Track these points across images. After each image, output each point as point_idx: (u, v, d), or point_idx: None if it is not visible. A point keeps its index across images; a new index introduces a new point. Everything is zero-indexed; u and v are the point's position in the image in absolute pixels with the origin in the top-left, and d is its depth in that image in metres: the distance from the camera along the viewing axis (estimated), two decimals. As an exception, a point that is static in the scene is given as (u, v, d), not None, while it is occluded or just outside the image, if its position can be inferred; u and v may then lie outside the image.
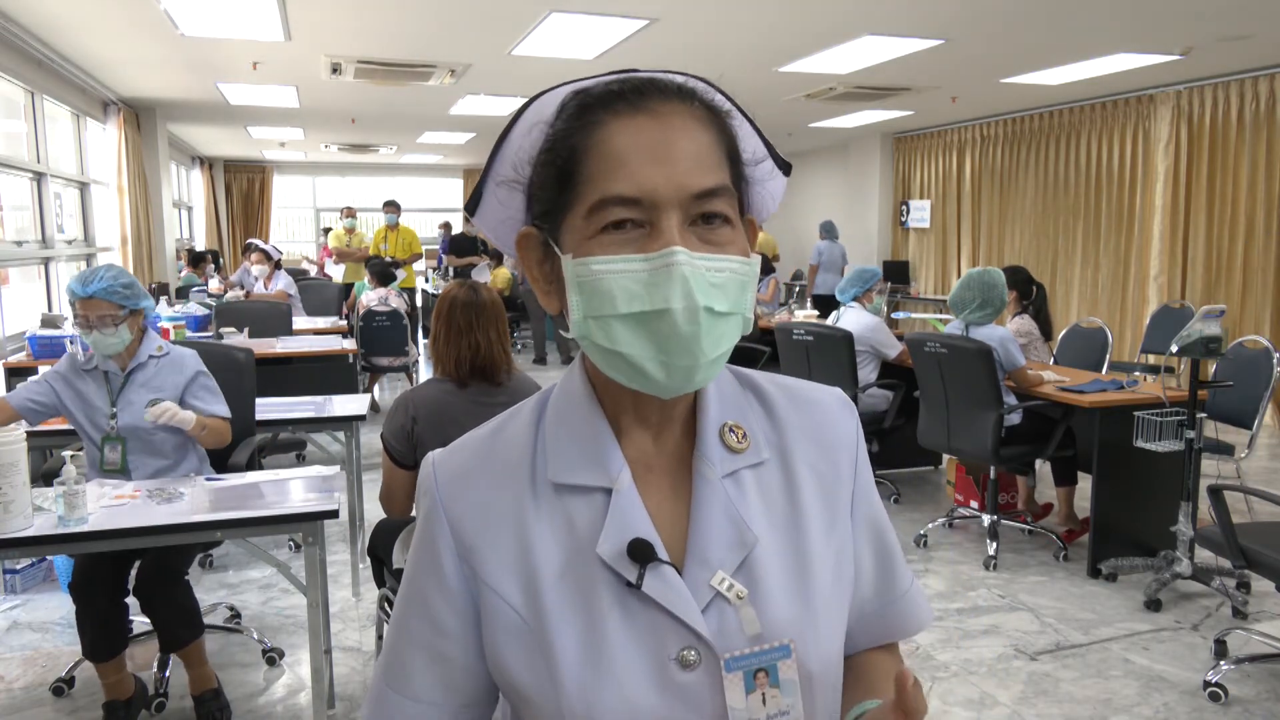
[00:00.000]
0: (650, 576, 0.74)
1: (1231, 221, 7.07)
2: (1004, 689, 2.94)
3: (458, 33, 5.68)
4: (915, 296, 10.57)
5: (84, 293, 2.66)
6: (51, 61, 6.21)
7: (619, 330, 0.71)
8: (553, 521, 0.78)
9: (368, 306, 6.84)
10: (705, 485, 0.78)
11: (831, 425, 0.86)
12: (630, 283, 0.70)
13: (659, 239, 0.70)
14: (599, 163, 0.72)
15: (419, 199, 15.28)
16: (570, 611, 0.75)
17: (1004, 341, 3.98)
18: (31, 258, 5.97)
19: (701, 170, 0.72)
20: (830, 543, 0.82)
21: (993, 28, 5.55)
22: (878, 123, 9.91)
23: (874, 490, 0.90)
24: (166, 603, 2.68)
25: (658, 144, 0.71)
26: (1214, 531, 2.94)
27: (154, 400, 2.73)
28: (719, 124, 0.76)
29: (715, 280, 0.71)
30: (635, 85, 0.74)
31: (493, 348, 2.48)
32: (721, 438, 0.80)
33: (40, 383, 2.82)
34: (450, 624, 0.80)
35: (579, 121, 0.74)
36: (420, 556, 0.82)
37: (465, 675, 0.81)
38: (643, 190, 0.70)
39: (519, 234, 0.80)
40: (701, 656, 0.74)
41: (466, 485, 0.81)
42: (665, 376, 0.72)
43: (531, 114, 0.78)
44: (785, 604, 0.77)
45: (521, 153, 0.78)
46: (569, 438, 0.80)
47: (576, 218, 0.73)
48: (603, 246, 0.71)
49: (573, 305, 0.73)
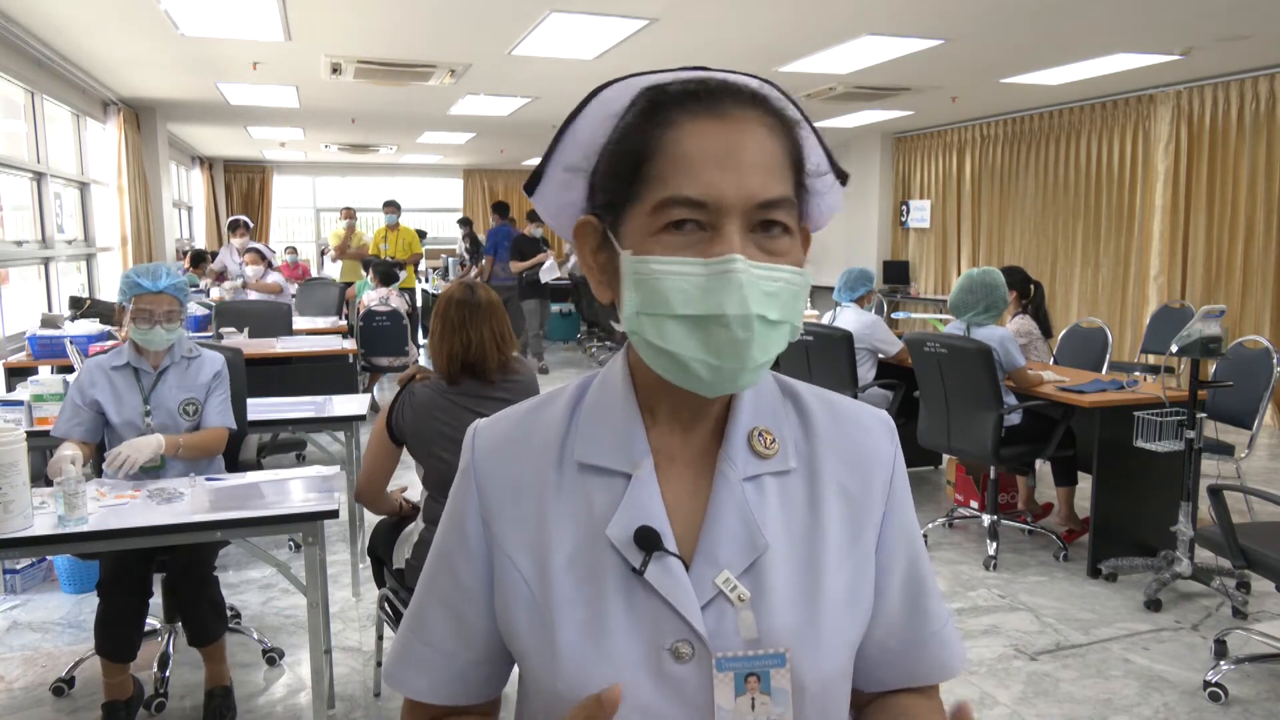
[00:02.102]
0: (655, 565, 0.76)
1: (1231, 221, 7.06)
2: (1004, 689, 2.94)
3: (458, 33, 5.68)
4: (915, 296, 10.57)
5: (155, 288, 2.72)
6: (51, 61, 6.21)
7: (671, 329, 0.72)
8: (573, 500, 0.80)
9: (368, 306, 6.84)
10: (725, 485, 0.79)
11: (867, 445, 0.85)
12: (687, 285, 0.71)
13: (720, 244, 0.71)
14: (668, 162, 0.72)
15: (419, 199, 15.28)
16: (576, 589, 0.77)
17: (1004, 341, 3.98)
18: (31, 258, 5.97)
19: (768, 179, 0.72)
20: (847, 562, 0.81)
21: (993, 28, 5.55)
22: (878, 123, 9.91)
23: (913, 521, 0.87)
24: (200, 598, 2.72)
25: (727, 149, 0.72)
26: (1214, 531, 2.94)
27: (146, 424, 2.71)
28: (787, 133, 0.76)
29: (770, 289, 0.72)
30: (711, 88, 0.74)
31: (485, 345, 2.49)
32: (749, 441, 0.81)
33: (67, 407, 2.80)
34: (469, 583, 0.84)
35: (651, 118, 0.74)
36: (450, 515, 0.86)
37: (479, 633, 0.85)
38: (709, 194, 0.71)
39: (579, 222, 0.80)
40: (695, 651, 0.75)
41: (499, 455, 0.84)
42: (711, 377, 0.73)
43: (600, 104, 0.78)
44: (788, 613, 0.77)
45: (594, 141, 0.78)
46: (601, 421, 0.82)
47: (640, 214, 0.74)
48: (663, 246, 0.72)
49: (626, 299, 0.75)
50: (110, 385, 2.80)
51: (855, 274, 5.04)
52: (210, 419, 2.88)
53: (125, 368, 2.82)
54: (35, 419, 3.25)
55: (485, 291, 2.58)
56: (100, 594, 2.65)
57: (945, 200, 10.33)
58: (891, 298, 10.50)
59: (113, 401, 2.78)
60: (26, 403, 3.30)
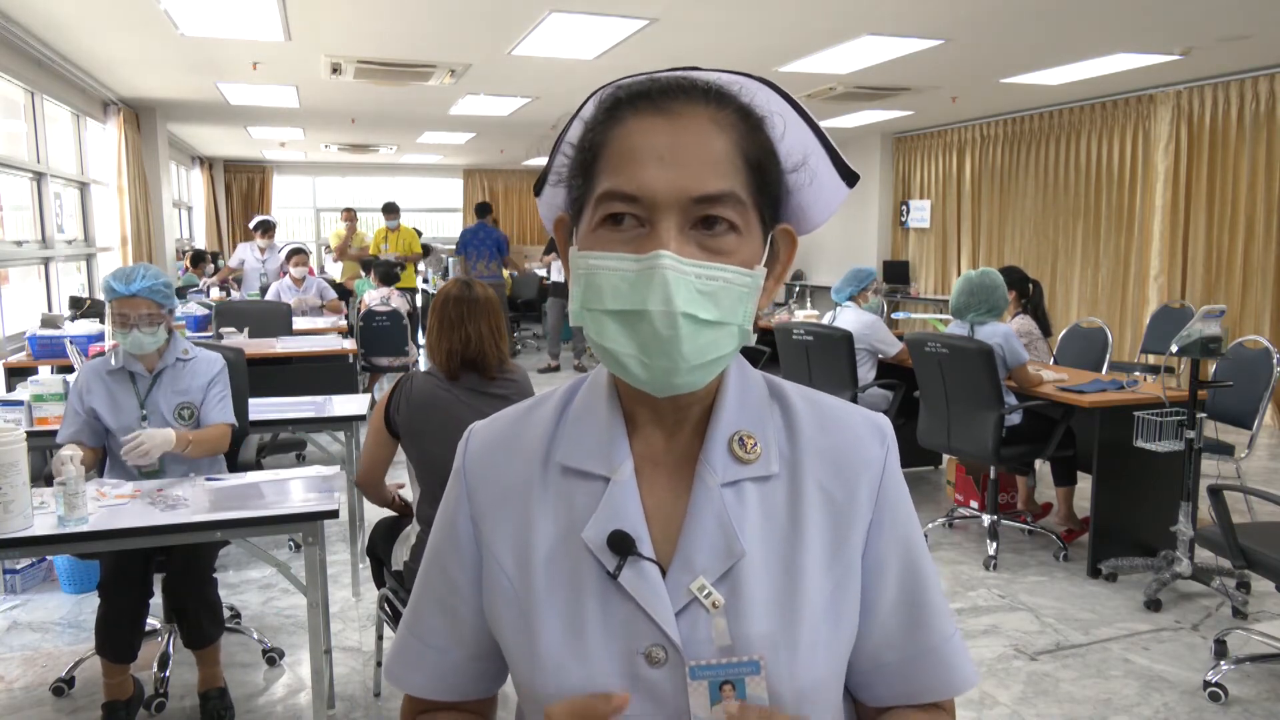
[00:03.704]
0: (630, 570, 0.76)
1: (1231, 221, 7.06)
2: (1004, 689, 2.94)
3: (458, 33, 5.68)
4: (915, 296, 10.57)
5: (127, 291, 2.65)
6: (51, 61, 6.20)
7: (607, 325, 0.73)
8: (555, 502, 0.80)
9: (369, 306, 6.85)
10: (703, 490, 0.78)
11: (853, 449, 0.82)
12: (618, 280, 0.72)
13: (652, 240, 0.71)
14: (612, 158, 0.73)
15: (419, 199, 15.27)
16: (555, 591, 0.78)
17: (1007, 338, 3.99)
18: (31, 258, 5.97)
19: (706, 174, 0.71)
20: (830, 570, 0.79)
21: (993, 28, 5.55)
22: (878, 123, 9.90)
23: (910, 529, 0.84)
24: (198, 600, 2.71)
25: (666, 145, 0.72)
26: (1214, 531, 2.94)
27: (134, 437, 2.68)
28: (747, 128, 0.75)
29: (704, 288, 0.71)
30: (662, 85, 0.75)
31: (484, 341, 2.50)
32: (730, 445, 0.80)
33: (69, 413, 2.79)
34: (460, 581, 0.85)
35: (606, 117, 0.75)
36: (443, 515, 0.88)
37: (471, 630, 0.86)
38: (642, 189, 0.71)
39: (555, 220, 0.83)
40: (669, 656, 0.74)
41: (489, 455, 0.86)
42: (646, 376, 0.73)
43: (587, 106, 0.80)
44: (763, 621, 0.75)
45: (569, 143, 0.80)
46: (584, 424, 0.82)
47: (589, 210, 0.75)
48: (602, 241, 0.73)
49: (573, 295, 0.76)
50: (106, 391, 2.77)
51: (850, 274, 5.05)
52: (211, 416, 2.84)
53: (120, 372, 2.78)
54: (35, 419, 3.25)
55: (482, 288, 2.58)
56: (101, 595, 2.65)
57: (945, 200, 10.32)
58: (891, 298, 10.49)
59: (109, 407, 2.76)
60: (26, 403, 3.30)
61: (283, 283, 7.29)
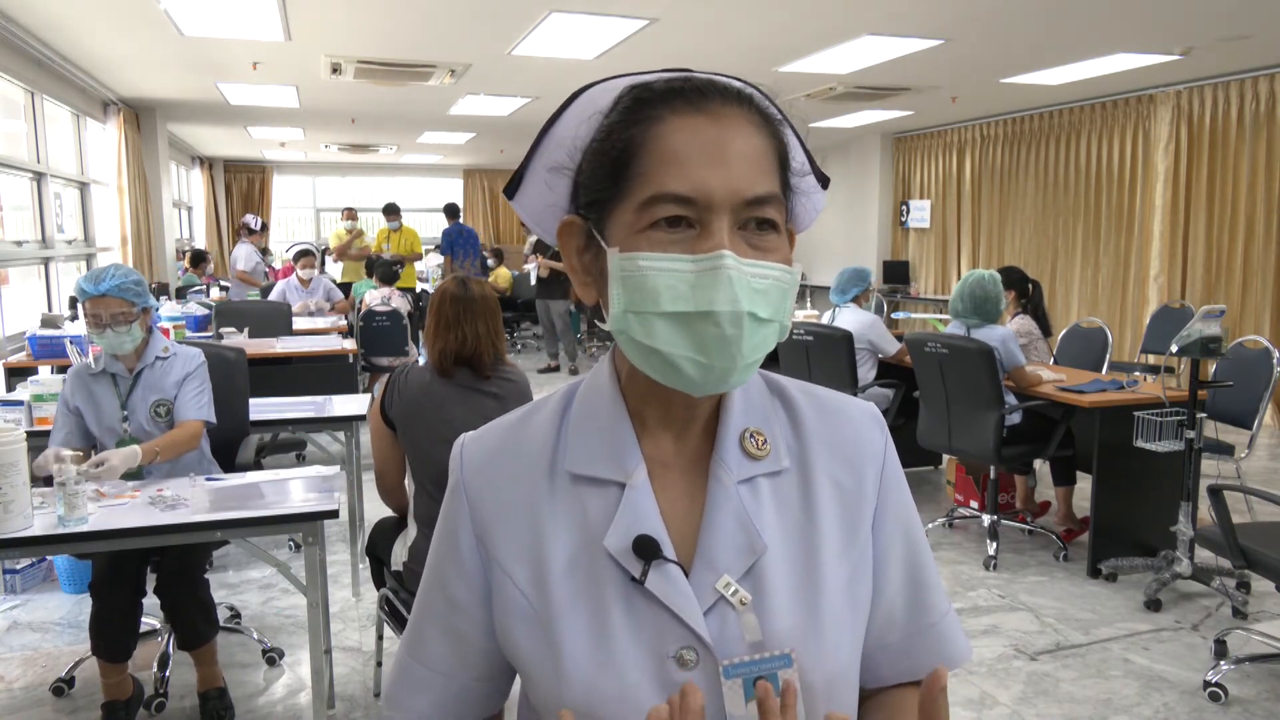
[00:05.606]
0: (655, 573, 0.75)
1: (1231, 221, 7.06)
2: (1004, 689, 2.94)
3: (458, 33, 5.68)
4: (915, 296, 10.57)
5: (96, 291, 2.65)
6: (51, 61, 6.21)
7: (660, 327, 0.71)
8: (567, 512, 0.79)
9: (369, 306, 6.85)
10: (719, 489, 0.78)
11: (857, 438, 0.85)
12: (676, 281, 0.70)
13: (709, 240, 0.70)
14: (654, 158, 0.71)
15: (419, 199, 15.27)
16: (577, 602, 0.76)
17: (1005, 340, 3.99)
18: (31, 258, 5.97)
19: (755, 175, 0.72)
20: (846, 557, 0.81)
21: (993, 28, 5.55)
22: (878, 123, 9.91)
23: (910, 512, 0.86)
24: (190, 601, 2.70)
25: (715, 145, 0.71)
26: (1214, 531, 2.94)
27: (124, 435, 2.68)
28: (772, 131, 0.75)
29: (759, 286, 0.71)
30: (696, 85, 0.74)
31: (480, 340, 2.51)
32: (741, 443, 0.80)
33: (58, 416, 2.81)
34: (464, 601, 0.83)
35: (636, 115, 0.73)
36: (442, 533, 0.85)
37: (477, 652, 0.84)
38: (697, 190, 0.70)
39: (563, 222, 0.79)
40: (700, 658, 0.74)
41: (489, 468, 0.83)
42: (700, 376, 0.72)
43: (584, 103, 0.78)
44: (790, 613, 0.76)
45: (577, 140, 0.77)
46: (590, 430, 0.81)
47: (626, 211, 0.73)
48: (651, 243, 0.71)
49: (613, 298, 0.73)
50: (88, 393, 2.78)
51: (847, 275, 5.01)
52: (184, 413, 2.81)
53: (102, 374, 2.79)
54: (35, 419, 3.25)
55: (480, 287, 2.59)
56: (93, 594, 2.64)
57: (945, 200, 10.33)
58: (891, 298, 10.49)
59: (91, 410, 2.77)
60: (26, 403, 3.30)
61: (289, 283, 7.29)
